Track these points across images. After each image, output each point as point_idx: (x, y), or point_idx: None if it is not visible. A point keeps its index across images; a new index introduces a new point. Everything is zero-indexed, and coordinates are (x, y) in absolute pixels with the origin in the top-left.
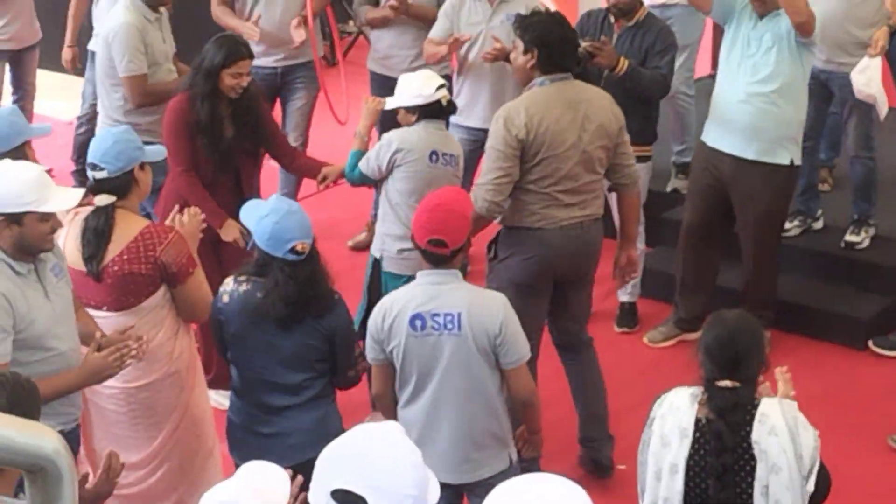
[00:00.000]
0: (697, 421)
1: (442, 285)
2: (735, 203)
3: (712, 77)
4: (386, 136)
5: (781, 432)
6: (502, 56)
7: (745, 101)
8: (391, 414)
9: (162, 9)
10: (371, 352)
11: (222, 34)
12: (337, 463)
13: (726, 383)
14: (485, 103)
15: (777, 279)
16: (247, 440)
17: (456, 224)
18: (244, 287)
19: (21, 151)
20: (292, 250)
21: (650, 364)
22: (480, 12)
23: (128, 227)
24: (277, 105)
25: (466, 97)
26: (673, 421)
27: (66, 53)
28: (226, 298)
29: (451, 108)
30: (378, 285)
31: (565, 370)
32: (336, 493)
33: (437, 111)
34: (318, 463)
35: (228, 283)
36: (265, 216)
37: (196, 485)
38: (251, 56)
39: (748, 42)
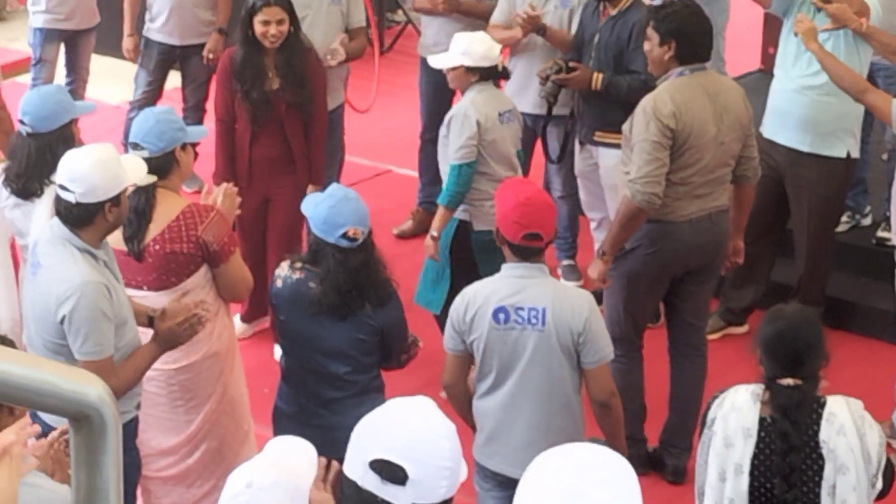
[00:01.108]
0: (762, 420)
1: (528, 279)
2: (790, 195)
3: (761, 72)
4: (456, 115)
5: (850, 432)
6: (534, 26)
7: (801, 92)
8: (460, 404)
9: None
10: (451, 341)
11: None
12: (374, 434)
13: (789, 381)
14: (536, 88)
15: (828, 275)
16: (292, 429)
17: (549, 215)
18: (297, 275)
19: (68, 130)
20: (345, 236)
21: None
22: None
23: (169, 207)
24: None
25: (518, 82)
26: (736, 421)
27: (128, 42)
28: (279, 283)
29: (505, 72)
30: (466, 250)
31: (671, 372)
32: (374, 464)
33: (495, 74)
34: (353, 435)
35: (283, 268)
36: (321, 202)
37: (232, 467)
38: (281, 5)
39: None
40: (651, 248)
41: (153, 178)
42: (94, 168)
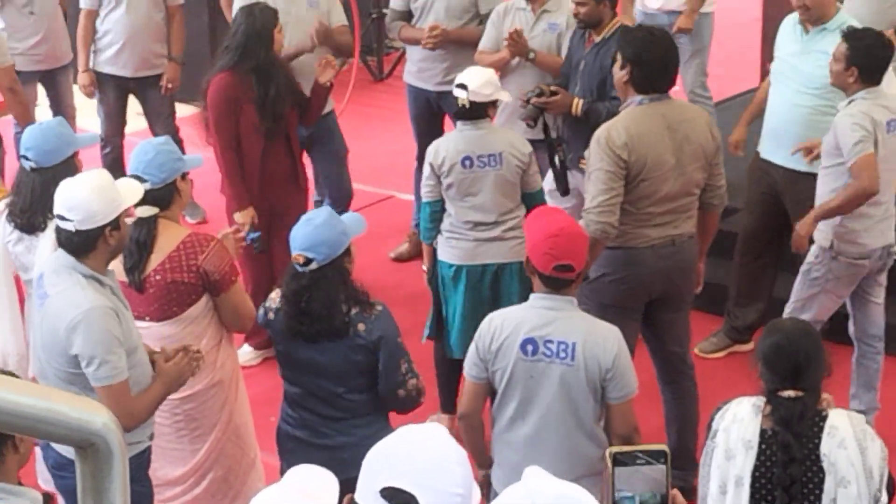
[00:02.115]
0: (763, 432)
1: (558, 311)
2: (791, 212)
3: None
4: (426, 153)
5: (850, 445)
6: (522, 51)
7: (794, 112)
8: (474, 435)
9: None
10: (473, 369)
11: (248, 4)
12: (384, 461)
13: (790, 393)
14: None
15: None
16: (298, 450)
17: (581, 247)
18: (282, 302)
19: (71, 162)
20: (294, 261)
21: (702, 375)
22: (523, 21)
23: (170, 237)
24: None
25: (509, 107)
26: (737, 433)
27: (83, 78)
28: (271, 315)
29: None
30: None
31: (662, 398)
32: (385, 491)
33: (484, 111)
34: (364, 462)
35: (275, 300)
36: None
37: (240, 496)
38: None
39: (797, 53)
40: (615, 276)
41: (155, 211)
42: (90, 194)
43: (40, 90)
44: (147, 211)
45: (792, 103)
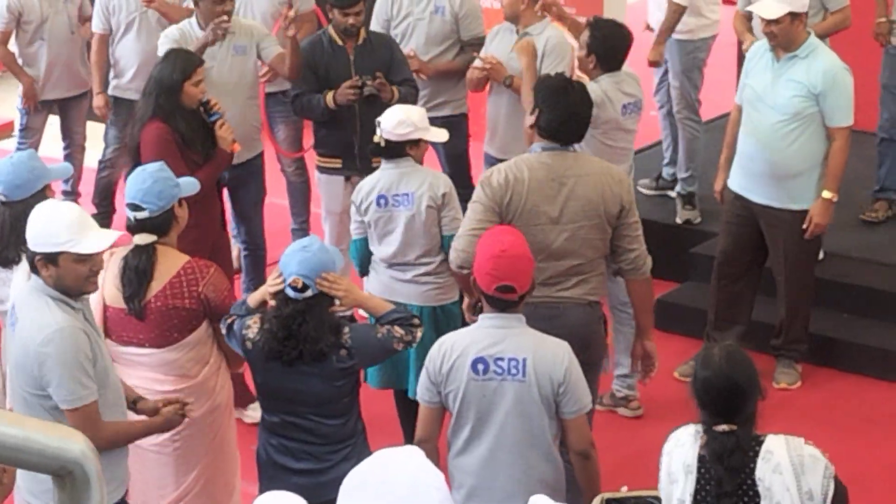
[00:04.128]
0: (701, 458)
1: (507, 329)
2: (767, 237)
3: None
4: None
5: (786, 470)
6: (494, 73)
7: (768, 140)
8: (434, 459)
9: None
10: (426, 393)
11: (170, 49)
12: (363, 487)
13: (723, 427)
14: (502, 133)
15: (810, 313)
16: (278, 477)
17: (523, 268)
18: (267, 325)
19: (42, 195)
20: (291, 285)
21: (680, 398)
22: (508, 42)
23: (169, 263)
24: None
25: (488, 126)
26: (678, 457)
27: (98, 100)
28: (248, 345)
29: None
30: None
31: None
32: None
33: (401, 150)
34: (341, 491)
35: (254, 328)
36: (287, 249)
37: None
38: (202, 62)
39: (769, 81)
40: None
41: (153, 238)
42: (43, 220)
43: (53, 119)
44: (145, 238)
45: (765, 132)
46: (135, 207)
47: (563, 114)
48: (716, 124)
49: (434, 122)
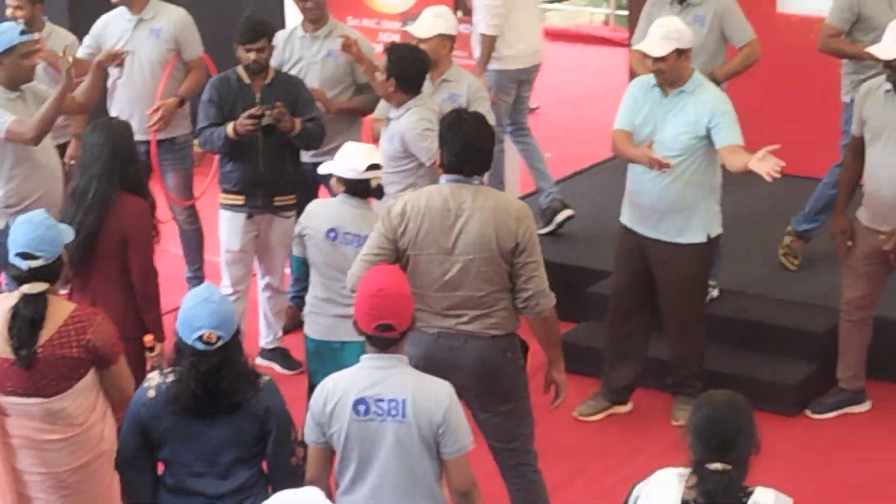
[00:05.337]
0: (684, 503)
1: (387, 370)
2: (656, 275)
3: None
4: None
5: None
6: None
7: (654, 180)
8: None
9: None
10: (312, 434)
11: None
12: None
13: (716, 466)
14: None
15: (704, 349)
16: None
17: (402, 306)
18: (170, 377)
19: None
20: (200, 339)
21: (580, 438)
22: (426, 89)
23: (56, 312)
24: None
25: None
26: (659, 498)
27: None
28: (152, 393)
29: (379, 191)
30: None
31: (507, 491)
32: None
33: (363, 191)
34: None
35: (154, 378)
36: (185, 301)
37: None
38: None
39: (657, 117)
40: (409, 354)
41: (45, 286)
42: None
43: None
44: (37, 287)
45: (650, 172)
46: (28, 256)
47: (459, 146)
48: (608, 165)
49: None
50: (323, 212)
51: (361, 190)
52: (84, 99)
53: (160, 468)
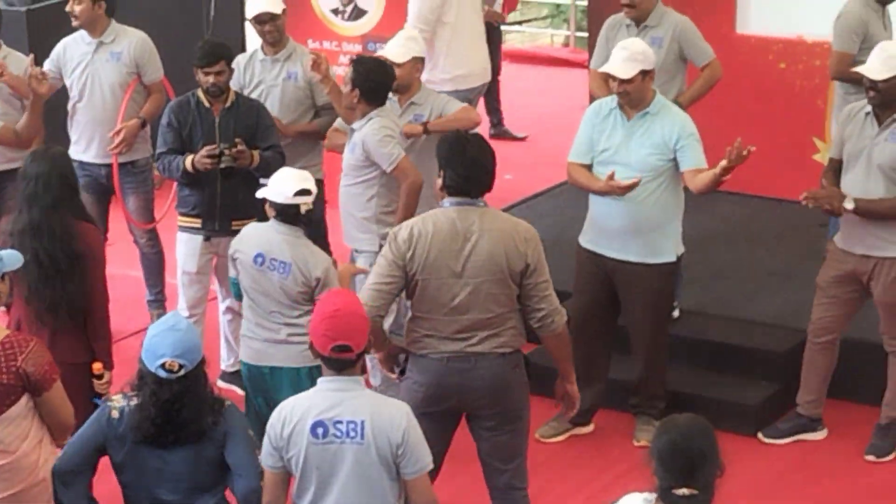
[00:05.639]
0: None
1: (344, 392)
2: (621, 294)
3: None
4: None
5: None
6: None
7: (622, 202)
8: None
9: None
10: (269, 458)
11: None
12: None
13: (683, 491)
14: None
15: (666, 369)
16: None
17: (359, 326)
18: (134, 401)
19: None
20: (163, 367)
21: (542, 460)
22: (394, 110)
23: None
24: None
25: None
26: None
27: None
28: (115, 414)
29: (307, 217)
30: None
31: None
32: None
33: (292, 216)
34: None
35: (119, 400)
36: (150, 328)
37: None
38: None
39: (622, 140)
40: (413, 379)
41: None
42: None
43: None
44: None
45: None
46: None
47: (465, 167)
48: (569, 187)
49: None
50: (253, 236)
51: (291, 216)
52: (23, 131)
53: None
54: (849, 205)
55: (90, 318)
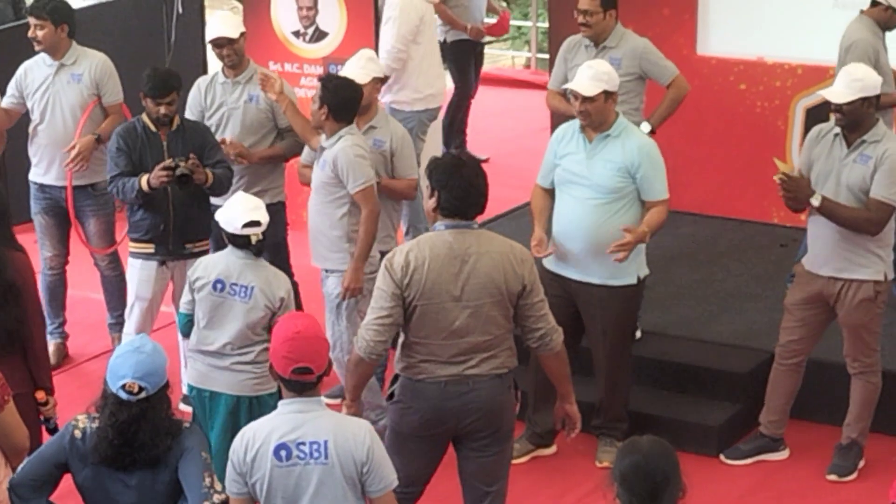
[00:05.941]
0: None
1: (306, 413)
2: (584, 315)
3: None
4: None
5: None
6: None
7: (585, 219)
8: None
9: None
10: (233, 485)
11: None
12: None
13: None
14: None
15: (629, 391)
16: None
17: (319, 348)
18: (97, 423)
19: None
20: (123, 388)
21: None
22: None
23: None
24: None
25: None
26: None
27: None
28: (78, 434)
29: (258, 248)
30: None
31: None
32: None
33: (243, 245)
34: None
35: (82, 420)
36: (116, 349)
37: None
38: None
39: (583, 161)
40: (405, 404)
41: None
42: None
43: None
44: None
45: (581, 211)
46: None
47: (461, 189)
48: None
49: None
50: (211, 262)
51: (241, 244)
52: None
53: None
54: (815, 201)
55: (30, 347)
